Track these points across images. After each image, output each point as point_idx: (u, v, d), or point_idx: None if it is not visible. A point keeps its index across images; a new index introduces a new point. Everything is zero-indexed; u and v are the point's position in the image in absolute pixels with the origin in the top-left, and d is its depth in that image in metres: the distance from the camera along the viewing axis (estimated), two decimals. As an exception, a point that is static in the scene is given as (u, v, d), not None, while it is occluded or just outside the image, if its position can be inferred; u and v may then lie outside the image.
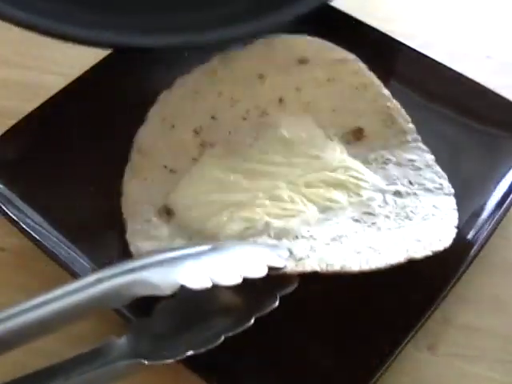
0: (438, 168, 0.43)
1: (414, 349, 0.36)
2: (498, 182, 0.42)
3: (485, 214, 0.40)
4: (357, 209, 0.40)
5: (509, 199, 0.40)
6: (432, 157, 0.43)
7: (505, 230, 0.41)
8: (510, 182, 0.42)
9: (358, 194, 0.40)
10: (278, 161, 0.41)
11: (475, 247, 0.38)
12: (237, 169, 0.41)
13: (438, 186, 0.42)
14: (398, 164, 0.43)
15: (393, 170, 0.43)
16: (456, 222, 0.38)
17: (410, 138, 0.44)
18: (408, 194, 0.41)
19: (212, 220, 0.39)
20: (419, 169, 0.43)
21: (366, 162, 0.43)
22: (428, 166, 0.43)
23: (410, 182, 0.42)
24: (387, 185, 0.41)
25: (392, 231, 0.38)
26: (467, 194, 0.42)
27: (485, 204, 0.41)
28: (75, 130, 0.45)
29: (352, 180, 0.41)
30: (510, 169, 0.43)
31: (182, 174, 0.42)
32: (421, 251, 0.35)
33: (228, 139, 0.43)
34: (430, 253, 0.35)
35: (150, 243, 0.38)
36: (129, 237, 0.39)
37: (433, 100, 0.47)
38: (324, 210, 0.40)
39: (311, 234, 0.38)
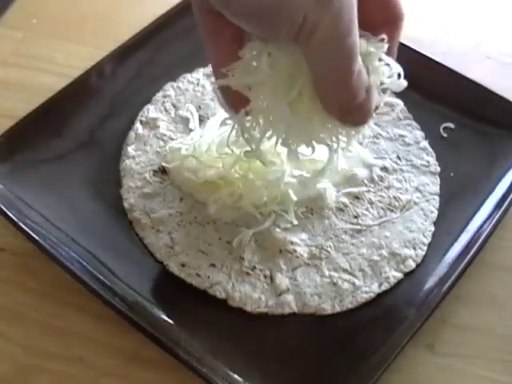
0: (426, 145, 0.45)
1: (414, 348, 0.36)
2: (497, 182, 0.42)
3: (484, 214, 0.40)
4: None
5: (508, 199, 0.40)
6: (422, 134, 0.45)
7: (504, 230, 0.41)
8: (509, 182, 0.42)
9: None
10: None
11: (475, 247, 0.38)
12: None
13: (424, 163, 0.44)
14: (389, 139, 0.45)
15: (383, 144, 0.45)
16: (435, 215, 0.41)
17: (401, 115, 0.46)
18: (395, 170, 0.43)
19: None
20: (409, 144, 0.45)
21: None
22: (417, 142, 0.45)
23: (398, 157, 0.44)
24: (376, 158, 0.43)
25: (373, 233, 0.40)
26: (467, 193, 0.42)
27: (484, 204, 0.41)
28: (75, 130, 0.45)
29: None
30: (509, 169, 0.43)
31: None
32: (393, 276, 0.38)
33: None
34: (401, 276, 0.38)
35: (143, 201, 0.41)
36: (123, 192, 0.42)
37: (433, 100, 0.47)
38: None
39: (294, 247, 0.39)
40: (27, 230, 0.38)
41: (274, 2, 0.27)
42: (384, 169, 0.43)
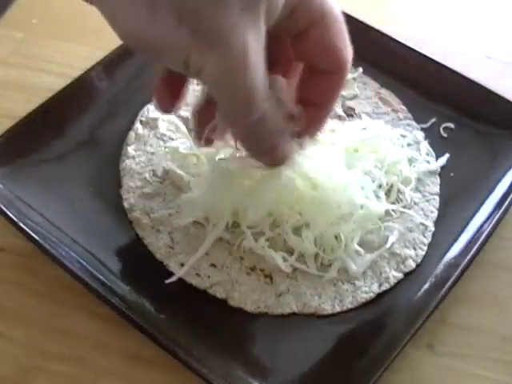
0: (426, 144, 0.45)
1: (414, 348, 0.36)
2: (497, 182, 0.42)
3: (484, 214, 0.40)
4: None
5: (508, 199, 0.40)
6: (422, 134, 0.45)
7: (504, 230, 0.41)
8: (509, 182, 0.42)
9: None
10: None
11: (475, 247, 0.38)
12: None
13: (425, 163, 0.44)
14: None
15: None
16: (435, 215, 0.41)
17: (401, 115, 0.46)
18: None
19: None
20: (409, 144, 0.44)
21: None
22: (417, 142, 0.45)
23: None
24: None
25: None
26: (467, 193, 0.42)
27: (484, 204, 0.41)
28: (75, 130, 0.45)
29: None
30: (509, 169, 0.43)
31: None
32: (393, 276, 0.38)
33: None
34: (401, 276, 0.38)
35: (143, 201, 0.41)
36: (123, 192, 0.42)
37: (433, 100, 0.47)
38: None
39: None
40: (27, 230, 0.38)
41: (152, 42, 0.27)
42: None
